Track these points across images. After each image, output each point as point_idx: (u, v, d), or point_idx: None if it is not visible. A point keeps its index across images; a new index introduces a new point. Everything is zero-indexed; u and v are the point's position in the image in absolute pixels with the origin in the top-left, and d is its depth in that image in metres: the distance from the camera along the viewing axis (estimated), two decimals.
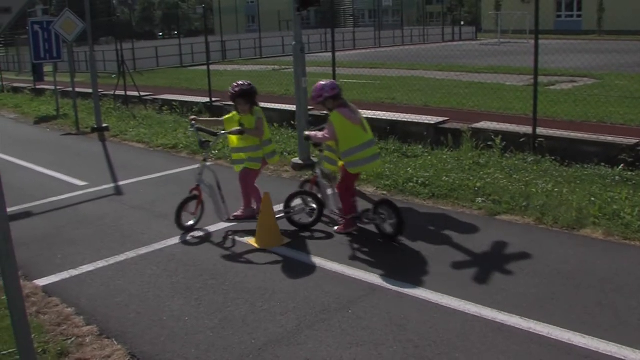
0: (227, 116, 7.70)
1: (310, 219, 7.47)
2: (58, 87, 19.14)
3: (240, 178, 7.56)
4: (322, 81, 7.20)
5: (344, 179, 7.19)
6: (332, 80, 7.34)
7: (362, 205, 7.41)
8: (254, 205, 7.53)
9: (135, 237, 7.43)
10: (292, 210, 7.46)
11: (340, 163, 7.16)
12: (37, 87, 24.37)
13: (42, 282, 6.20)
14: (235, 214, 7.55)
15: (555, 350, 4.54)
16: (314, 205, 7.47)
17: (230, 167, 8.72)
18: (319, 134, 7.36)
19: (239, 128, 7.32)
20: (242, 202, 7.63)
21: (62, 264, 6.66)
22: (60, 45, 16.59)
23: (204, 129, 7.53)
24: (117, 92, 19.67)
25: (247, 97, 7.38)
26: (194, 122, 7.48)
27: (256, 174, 7.61)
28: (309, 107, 11.02)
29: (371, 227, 7.26)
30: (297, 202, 7.51)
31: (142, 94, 19.00)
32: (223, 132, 7.43)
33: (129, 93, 19.25)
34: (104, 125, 15.25)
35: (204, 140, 7.46)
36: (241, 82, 7.41)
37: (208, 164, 7.50)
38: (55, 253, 7.02)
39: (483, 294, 5.50)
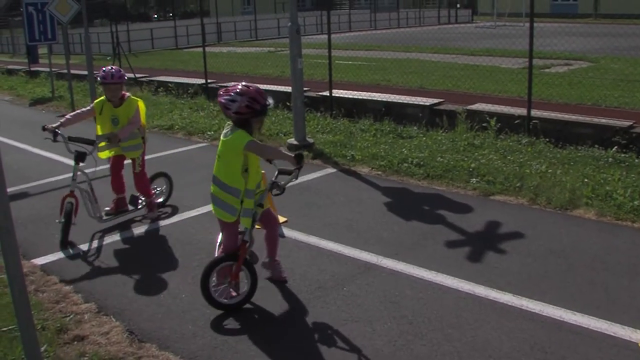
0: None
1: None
2: (53, 69, 19.11)
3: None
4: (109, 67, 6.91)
5: (143, 162, 7.27)
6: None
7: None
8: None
9: (132, 216, 7.48)
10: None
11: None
12: (32, 69, 24.26)
13: (40, 261, 6.25)
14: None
15: (546, 327, 4.62)
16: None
17: None
18: (129, 129, 6.84)
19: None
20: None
21: (59, 243, 6.70)
22: (55, 27, 16.54)
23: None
24: None
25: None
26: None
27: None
28: (305, 89, 11.05)
29: (366, 207, 7.35)
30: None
31: (137, 75, 18.96)
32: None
33: None
34: None
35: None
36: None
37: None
38: (52, 232, 7.06)
39: (476, 272, 5.58)
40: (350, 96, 12.93)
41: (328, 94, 12.64)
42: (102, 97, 6.95)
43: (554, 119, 10.01)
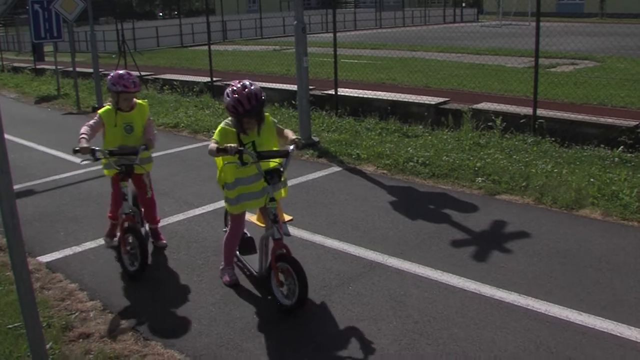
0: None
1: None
2: (58, 67, 19.17)
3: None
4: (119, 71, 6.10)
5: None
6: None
7: None
8: None
9: None
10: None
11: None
12: (38, 66, 24.32)
13: (45, 258, 6.26)
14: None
15: (552, 327, 4.61)
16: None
17: None
18: (151, 131, 6.18)
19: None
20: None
21: (65, 241, 6.72)
22: (61, 25, 16.57)
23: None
24: None
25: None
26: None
27: None
28: (310, 87, 11.05)
29: (371, 206, 7.35)
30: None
31: (142, 73, 18.98)
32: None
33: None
34: (105, 104, 15.22)
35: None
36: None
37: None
38: (58, 230, 7.08)
39: (482, 271, 5.56)
40: (356, 95, 12.92)
41: (333, 93, 12.63)
42: (107, 107, 6.06)
43: (560, 119, 9.99)
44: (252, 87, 4.89)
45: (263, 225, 6.57)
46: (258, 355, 4.42)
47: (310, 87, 11.29)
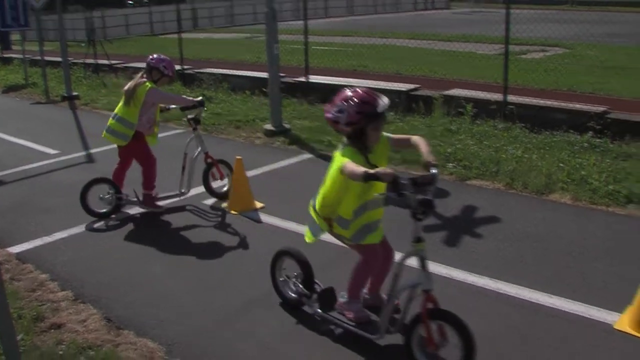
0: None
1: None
2: (26, 56, 18.88)
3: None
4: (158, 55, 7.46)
5: None
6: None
7: None
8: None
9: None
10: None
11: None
12: (4, 55, 23.96)
13: (15, 249, 6.19)
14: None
15: (523, 310, 4.67)
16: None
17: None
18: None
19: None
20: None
21: (35, 231, 6.64)
22: (27, 13, 16.29)
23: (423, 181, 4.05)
24: (87, 61, 19.43)
25: None
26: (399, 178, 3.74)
27: None
28: (281, 74, 11.02)
29: None
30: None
31: (112, 62, 18.78)
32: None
33: (99, 61, 19.03)
34: (74, 93, 15.07)
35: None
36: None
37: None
38: (28, 220, 6.99)
39: (453, 256, 5.61)
40: (327, 82, 12.91)
41: (304, 80, 12.62)
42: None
43: (530, 104, 10.08)
44: (365, 88, 4.09)
45: (231, 210, 6.50)
46: (233, 342, 4.42)
47: (281, 74, 11.26)
